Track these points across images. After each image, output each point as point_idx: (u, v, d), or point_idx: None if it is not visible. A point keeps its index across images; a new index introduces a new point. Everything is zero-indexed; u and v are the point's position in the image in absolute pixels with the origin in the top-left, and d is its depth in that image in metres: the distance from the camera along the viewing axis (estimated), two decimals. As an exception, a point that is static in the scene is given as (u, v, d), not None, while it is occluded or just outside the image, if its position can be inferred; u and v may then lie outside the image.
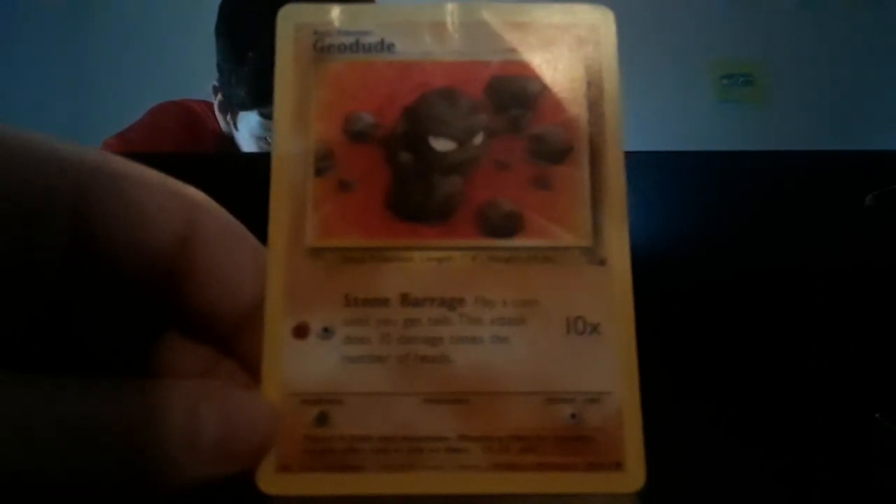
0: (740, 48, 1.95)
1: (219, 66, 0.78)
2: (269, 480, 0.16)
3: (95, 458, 0.13)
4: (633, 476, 0.16)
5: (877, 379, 0.43)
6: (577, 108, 0.19)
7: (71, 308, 0.16)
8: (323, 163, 0.18)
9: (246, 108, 0.75)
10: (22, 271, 0.14)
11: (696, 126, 1.88)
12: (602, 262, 0.18)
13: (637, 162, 0.18)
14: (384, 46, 0.19)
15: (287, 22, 0.19)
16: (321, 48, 0.19)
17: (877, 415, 0.41)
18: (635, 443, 0.17)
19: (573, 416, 0.17)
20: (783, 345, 0.45)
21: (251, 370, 0.17)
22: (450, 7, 0.19)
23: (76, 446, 0.13)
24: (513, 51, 0.19)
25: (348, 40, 0.19)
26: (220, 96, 0.80)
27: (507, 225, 0.18)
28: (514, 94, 0.19)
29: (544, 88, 0.19)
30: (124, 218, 0.15)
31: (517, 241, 0.18)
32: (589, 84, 0.19)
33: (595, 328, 0.17)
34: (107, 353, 0.16)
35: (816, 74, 1.93)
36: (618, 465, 0.17)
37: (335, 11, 0.19)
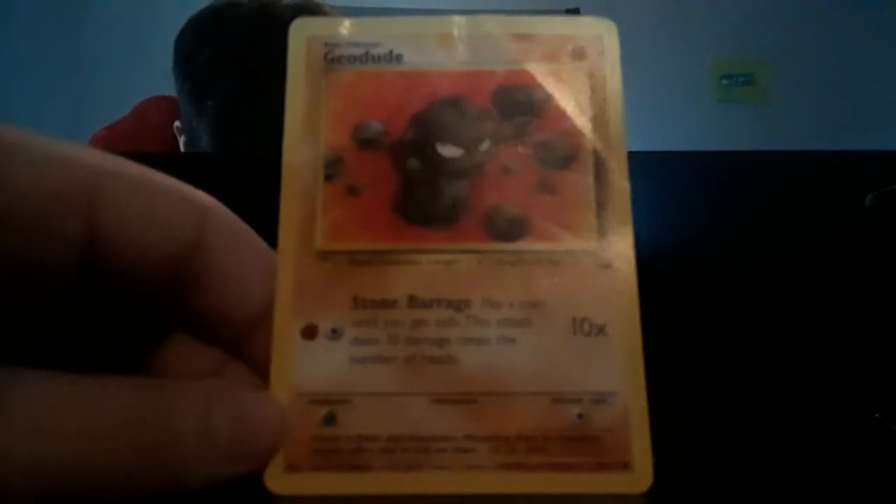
0: (740, 48, 1.97)
1: (180, 108, 0.73)
2: (277, 480, 0.16)
3: (107, 454, 0.13)
4: (641, 476, 0.16)
5: (877, 379, 0.42)
6: (580, 116, 0.19)
7: (82, 309, 0.16)
8: (332, 169, 0.19)
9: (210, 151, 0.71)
10: (34, 271, 0.14)
11: (696, 126, 1.89)
12: (607, 266, 0.18)
13: (637, 162, 0.18)
14: (393, 57, 0.20)
15: (299, 34, 0.20)
16: (332, 59, 0.20)
17: (877, 415, 0.41)
18: (642, 443, 0.17)
19: (580, 416, 0.17)
20: (783, 345, 0.45)
21: (261, 372, 0.17)
22: (456, 19, 0.20)
23: (88, 442, 0.13)
24: (518, 61, 0.20)
25: (358, 51, 0.20)
26: (184, 137, 0.74)
27: (513, 229, 0.18)
28: (520, 103, 0.19)
29: (549, 97, 0.19)
30: (136, 221, 0.15)
31: (523, 245, 0.18)
32: (593, 92, 0.19)
33: (601, 329, 0.18)
34: (116, 354, 0.17)
35: (816, 74, 1.94)
36: (625, 466, 0.17)
37: (345, 24, 0.20)
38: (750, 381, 0.41)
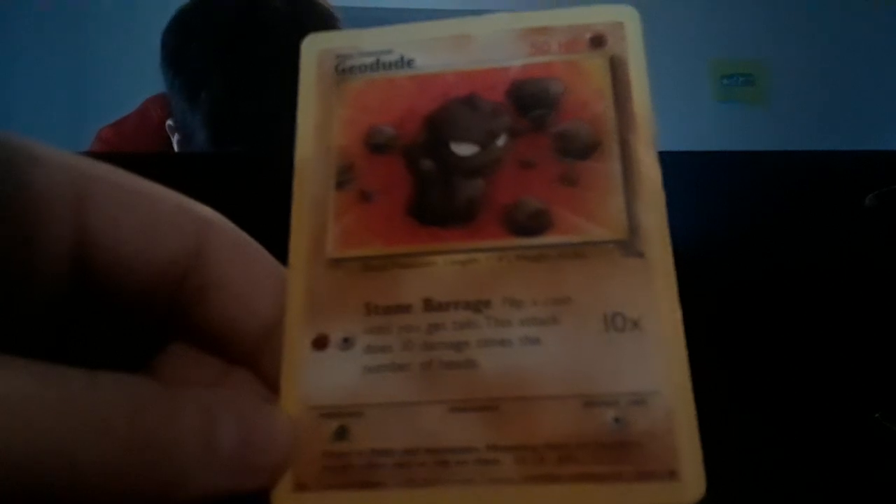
0: (740, 48, 1.94)
1: (171, 105, 0.69)
2: (285, 501, 0.15)
3: (92, 448, 0.12)
4: (691, 486, 0.14)
5: (877, 379, 0.41)
6: (602, 104, 0.18)
7: (79, 318, 0.15)
8: (344, 176, 0.18)
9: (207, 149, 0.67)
10: (21, 271, 0.14)
11: (696, 126, 1.86)
12: (640, 255, 0.16)
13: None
14: (404, 62, 0.19)
15: (310, 49, 0.20)
16: (343, 70, 0.19)
17: (877, 415, 0.39)
18: (691, 447, 0.14)
19: (616, 420, 0.15)
20: (783, 345, 0.43)
21: (274, 388, 0.16)
22: (469, 20, 0.19)
23: (68, 431, 0.12)
24: (534, 55, 0.19)
25: (369, 60, 0.19)
26: (177, 136, 0.70)
27: (535, 223, 0.17)
28: (536, 95, 0.18)
29: (567, 87, 0.18)
30: (130, 227, 0.15)
31: (546, 239, 0.17)
32: (614, 78, 0.18)
33: (636, 323, 0.16)
34: (114, 363, 0.16)
35: (816, 74, 1.91)
36: (671, 475, 0.14)
37: (356, 35, 0.20)
38: (748, 382, 0.40)
